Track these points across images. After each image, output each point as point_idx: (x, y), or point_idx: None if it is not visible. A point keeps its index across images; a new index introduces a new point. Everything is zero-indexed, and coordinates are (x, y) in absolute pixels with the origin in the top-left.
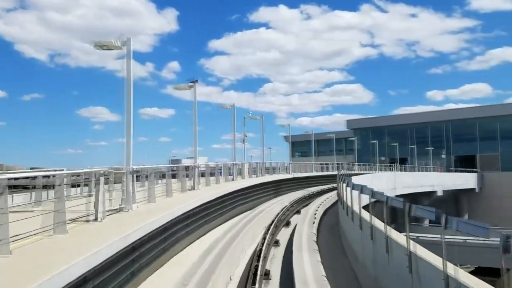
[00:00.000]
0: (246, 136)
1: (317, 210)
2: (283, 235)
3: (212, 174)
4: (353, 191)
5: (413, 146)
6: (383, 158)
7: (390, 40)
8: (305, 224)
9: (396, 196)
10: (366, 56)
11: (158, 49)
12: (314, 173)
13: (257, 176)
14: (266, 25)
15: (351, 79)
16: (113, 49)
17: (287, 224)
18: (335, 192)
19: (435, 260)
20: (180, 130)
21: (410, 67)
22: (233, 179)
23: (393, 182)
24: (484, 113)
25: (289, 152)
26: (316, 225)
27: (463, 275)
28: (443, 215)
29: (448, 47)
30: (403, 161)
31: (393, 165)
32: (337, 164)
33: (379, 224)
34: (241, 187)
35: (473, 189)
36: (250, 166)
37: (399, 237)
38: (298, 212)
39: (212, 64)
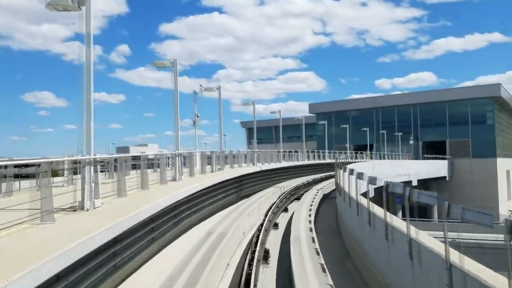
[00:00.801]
0: (198, 116)
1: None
2: None
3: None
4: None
5: (383, 132)
6: (346, 145)
7: (341, 28)
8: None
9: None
10: (319, 44)
11: (107, 31)
12: (284, 163)
13: (213, 171)
14: (219, 10)
15: (304, 66)
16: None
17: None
18: (315, 191)
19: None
20: (131, 117)
21: (360, 55)
22: (174, 179)
23: (372, 172)
24: (454, 95)
25: (246, 138)
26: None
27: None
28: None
29: (396, 37)
30: (369, 147)
31: (364, 152)
32: (312, 151)
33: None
34: (183, 197)
35: (444, 177)
36: (203, 156)
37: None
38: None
39: (164, 49)
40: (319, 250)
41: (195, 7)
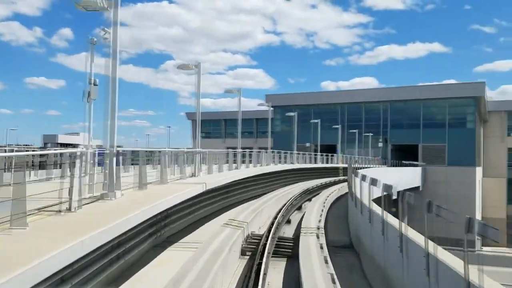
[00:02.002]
0: (95, 85)
1: None
2: None
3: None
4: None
5: (352, 131)
6: (307, 144)
7: (291, 28)
8: None
9: None
10: (269, 43)
11: (48, 13)
12: (244, 171)
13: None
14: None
15: (254, 64)
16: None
17: None
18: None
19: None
20: (71, 104)
21: (308, 57)
22: None
23: None
24: (429, 93)
25: (192, 131)
26: None
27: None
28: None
29: (343, 41)
30: (332, 149)
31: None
32: (283, 153)
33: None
34: None
35: (417, 188)
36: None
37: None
38: None
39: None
40: None
41: None
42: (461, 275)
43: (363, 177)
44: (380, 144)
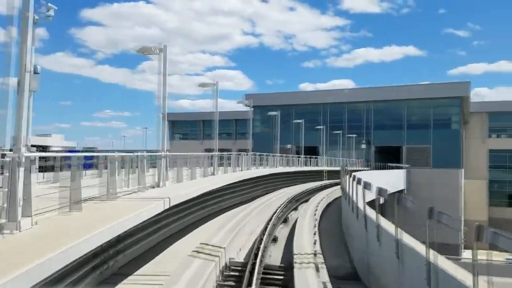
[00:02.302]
0: (36, 73)
1: None
2: None
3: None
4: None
5: (337, 132)
6: (289, 146)
7: (269, 30)
8: None
9: None
10: (248, 44)
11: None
12: (220, 180)
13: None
14: (146, 0)
15: (232, 65)
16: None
17: None
18: None
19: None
20: (46, 104)
21: (286, 59)
22: None
23: None
24: (413, 93)
25: (168, 132)
26: None
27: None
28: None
29: (320, 43)
30: (313, 150)
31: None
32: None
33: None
34: None
35: (402, 191)
36: None
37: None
38: None
39: (85, 35)
40: None
41: None
42: None
43: (365, 185)
44: (363, 146)
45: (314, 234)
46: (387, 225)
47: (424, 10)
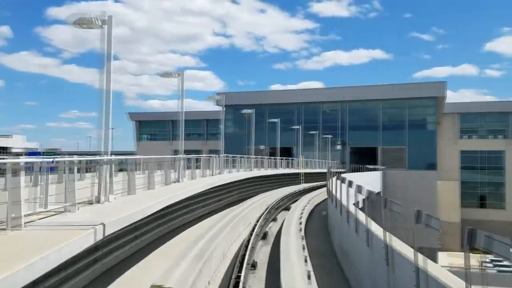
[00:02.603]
0: None
1: None
2: None
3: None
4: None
5: (311, 132)
6: (262, 147)
7: (240, 31)
8: None
9: None
10: (219, 45)
11: None
12: (185, 191)
13: None
14: None
15: (203, 66)
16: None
17: None
18: None
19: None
20: (10, 105)
21: (257, 60)
22: None
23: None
24: (389, 93)
25: (134, 132)
26: None
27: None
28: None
29: (291, 45)
30: (288, 151)
31: (290, 158)
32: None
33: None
34: None
35: (378, 193)
36: None
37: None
38: None
39: (51, 33)
40: None
41: None
42: None
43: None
44: (339, 147)
45: (305, 261)
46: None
47: (390, 14)
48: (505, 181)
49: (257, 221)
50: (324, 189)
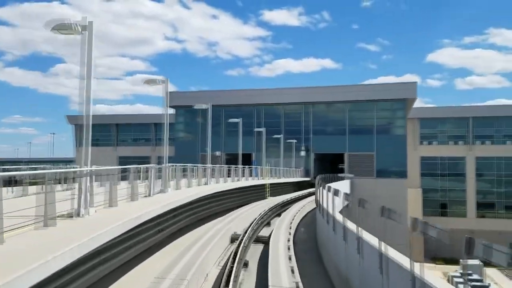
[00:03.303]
0: None
1: None
2: None
3: None
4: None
5: (275, 137)
6: (218, 154)
7: (193, 37)
8: None
9: None
10: (170, 50)
11: None
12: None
13: None
14: (61, 0)
15: (154, 70)
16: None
17: None
18: None
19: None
20: None
21: (210, 66)
22: None
23: None
24: (356, 95)
25: (74, 138)
26: None
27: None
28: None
29: (243, 52)
30: (247, 158)
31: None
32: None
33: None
34: None
35: (348, 204)
36: None
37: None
38: None
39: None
40: None
41: None
42: None
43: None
44: (303, 153)
45: None
46: None
47: (339, 25)
48: (466, 188)
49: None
50: (302, 206)
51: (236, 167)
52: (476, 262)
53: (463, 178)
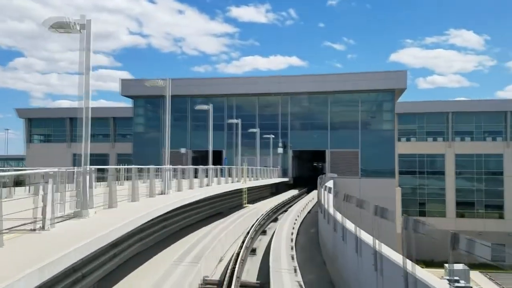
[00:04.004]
0: None
1: None
2: None
3: None
4: None
5: (250, 131)
6: (183, 151)
7: (158, 32)
8: None
9: None
10: (135, 44)
11: None
12: None
13: None
14: None
15: (118, 65)
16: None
17: None
18: None
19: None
20: None
21: (176, 62)
22: None
23: None
24: (338, 85)
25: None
26: None
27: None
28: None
29: (210, 49)
30: (217, 156)
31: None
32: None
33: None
34: None
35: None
36: None
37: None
38: None
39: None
40: None
41: None
42: None
43: None
44: (280, 150)
45: None
46: None
47: (305, 23)
48: (445, 186)
49: None
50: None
51: (206, 168)
52: (460, 266)
53: (443, 176)
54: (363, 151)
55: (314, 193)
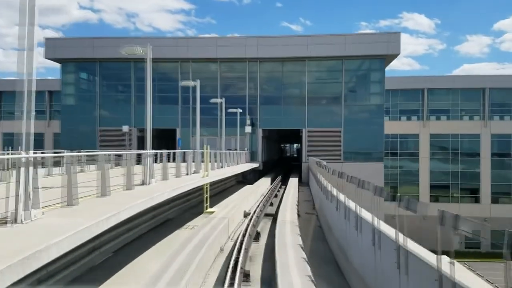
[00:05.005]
0: None
1: None
2: None
3: None
4: None
5: (213, 105)
6: (125, 129)
7: (110, 7)
8: None
9: None
10: (86, 19)
11: None
12: None
13: None
14: None
15: None
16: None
17: None
18: None
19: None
20: None
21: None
22: None
23: None
24: (317, 49)
25: None
26: None
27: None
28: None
29: (165, 25)
30: (170, 135)
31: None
32: None
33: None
34: None
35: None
36: None
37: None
38: None
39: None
40: None
41: None
42: None
43: None
44: (248, 129)
45: None
46: None
47: (263, 2)
48: (419, 169)
49: None
50: None
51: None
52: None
53: (417, 158)
54: (347, 130)
55: (293, 183)
